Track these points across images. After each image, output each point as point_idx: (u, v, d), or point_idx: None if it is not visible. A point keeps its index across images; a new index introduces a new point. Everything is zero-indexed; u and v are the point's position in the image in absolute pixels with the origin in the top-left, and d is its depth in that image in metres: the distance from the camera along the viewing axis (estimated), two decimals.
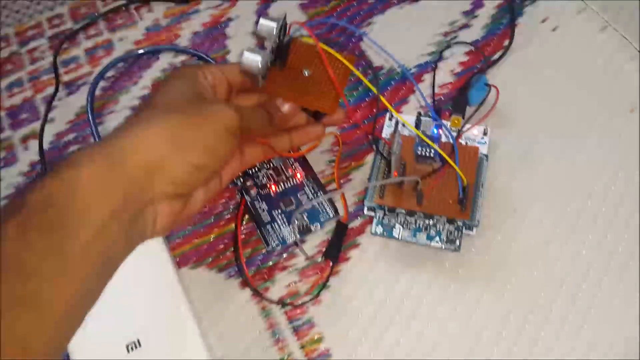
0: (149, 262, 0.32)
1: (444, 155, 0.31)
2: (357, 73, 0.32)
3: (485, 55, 0.42)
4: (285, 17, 0.32)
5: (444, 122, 0.38)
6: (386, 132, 0.38)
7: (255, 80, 0.31)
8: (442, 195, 0.34)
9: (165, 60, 0.44)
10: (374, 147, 0.36)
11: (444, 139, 0.36)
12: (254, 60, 0.30)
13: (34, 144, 0.41)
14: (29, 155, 0.41)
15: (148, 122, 0.28)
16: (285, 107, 0.34)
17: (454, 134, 0.37)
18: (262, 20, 0.31)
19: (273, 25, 0.31)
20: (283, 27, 0.32)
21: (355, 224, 0.37)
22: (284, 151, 0.37)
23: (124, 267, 0.27)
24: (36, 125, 0.42)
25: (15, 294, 0.22)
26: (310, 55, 0.34)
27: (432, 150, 0.33)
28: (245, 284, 0.35)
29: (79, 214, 0.24)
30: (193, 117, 0.29)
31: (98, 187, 0.25)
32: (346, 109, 0.37)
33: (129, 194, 0.26)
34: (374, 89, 0.32)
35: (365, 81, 0.33)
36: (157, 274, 0.33)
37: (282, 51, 0.33)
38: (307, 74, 0.34)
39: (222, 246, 0.37)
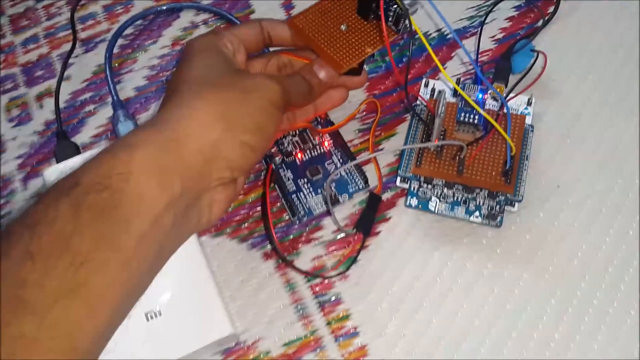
0: None
1: (492, 120, 0.29)
2: (416, 28, 0.30)
3: (540, 11, 0.38)
4: None
5: (485, 88, 0.35)
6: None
7: None
8: (485, 166, 0.31)
9: (186, 19, 0.42)
10: (413, 111, 0.33)
11: (487, 107, 0.33)
12: None
13: (49, 102, 0.39)
14: (44, 114, 0.39)
15: (196, 100, 0.25)
16: (322, 74, 0.32)
17: (498, 102, 0.34)
18: None
19: None
20: None
21: (386, 196, 0.35)
22: (309, 118, 0.35)
23: None
24: (51, 83, 0.40)
25: (66, 283, 0.21)
26: (352, 12, 0.32)
27: (476, 117, 0.30)
28: (269, 255, 0.33)
29: (135, 202, 0.22)
30: (240, 92, 0.26)
31: (154, 175, 0.23)
32: (394, 70, 0.35)
33: (186, 182, 0.24)
34: (428, 46, 0.29)
35: (421, 36, 0.30)
36: None
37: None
38: (344, 29, 0.31)
39: (244, 215, 0.35)
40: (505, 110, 0.31)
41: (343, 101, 0.35)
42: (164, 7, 0.41)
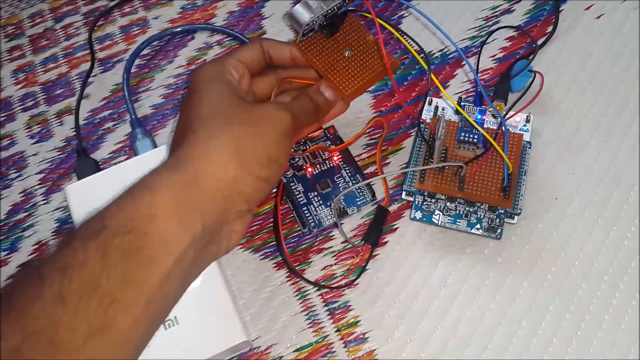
0: None
1: (491, 140, 0.31)
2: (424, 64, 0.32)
3: (532, 39, 0.40)
4: None
5: (486, 108, 0.37)
6: (425, 117, 0.37)
7: (296, 33, 0.32)
8: (484, 182, 0.33)
9: (200, 40, 0.44)
10: (417, 129, 0.35)
11: (487, 125, 0.35)
12: (303, 16, 0.31)
13: (68, 120, 0.41)
14: (64, 131, 0.41)
15: (211, 139, 0.27)
16: (329, 92, 0.33)
17: (498, 120, 0.36)
18: None
19: None
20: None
21: (393, 208, 0.36)
22: (313, 129, 0.37)
23: None
24: (71, 101, 0.42)
25: (95, 324, 0.22)
26: (357, 39, 0.33)
27: (476, 136, 0.32)
28: (280, 265, 0.35)
29: (159, 242, 0.24)
30: (250, 126, 0.27)
31: (176, 215, 0.24)
32: (394, 88, 0.37)
33: (207, 219, 0.25)
34: (427, 68, 0.31)
35: (422, 62, 0.32)
36: None
37: (335, 21, 0.32)
38: (347, 55, 0.33)
39: (257, 227, 0.36)
40: (503, 129, 0.33)
41: (343, 112, 0.36)
42: (179, 29, 0.43)
